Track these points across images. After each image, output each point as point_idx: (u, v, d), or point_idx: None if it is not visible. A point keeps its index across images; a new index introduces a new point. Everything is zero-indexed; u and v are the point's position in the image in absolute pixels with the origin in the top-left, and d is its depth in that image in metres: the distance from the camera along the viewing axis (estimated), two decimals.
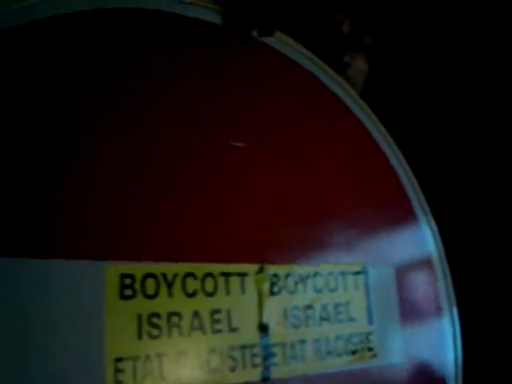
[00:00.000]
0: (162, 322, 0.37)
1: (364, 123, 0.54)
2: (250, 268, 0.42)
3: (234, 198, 0.43)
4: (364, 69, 0.70)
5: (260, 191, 0.45)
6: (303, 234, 0.46)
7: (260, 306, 0.42)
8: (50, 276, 0.33)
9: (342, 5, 0.67)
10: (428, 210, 0.55)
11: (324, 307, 0.45)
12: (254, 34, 0.48)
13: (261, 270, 0.43)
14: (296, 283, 0.44)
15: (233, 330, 0.40)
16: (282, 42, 0.51)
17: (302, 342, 0.43)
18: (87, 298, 0.34)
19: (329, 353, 0.44)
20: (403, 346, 0.49)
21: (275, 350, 0.42)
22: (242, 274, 0.42)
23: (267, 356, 0.41)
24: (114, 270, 0.36)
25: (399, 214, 0.53)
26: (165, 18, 0.44)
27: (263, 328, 0.41)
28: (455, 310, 0.53)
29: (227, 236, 0.42)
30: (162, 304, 0.37)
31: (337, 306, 0.46)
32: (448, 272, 0.54)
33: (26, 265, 0.33)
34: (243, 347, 0.40)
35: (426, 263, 0.53)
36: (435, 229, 0.54)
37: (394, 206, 0.53)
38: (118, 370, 0.34)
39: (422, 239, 0.54)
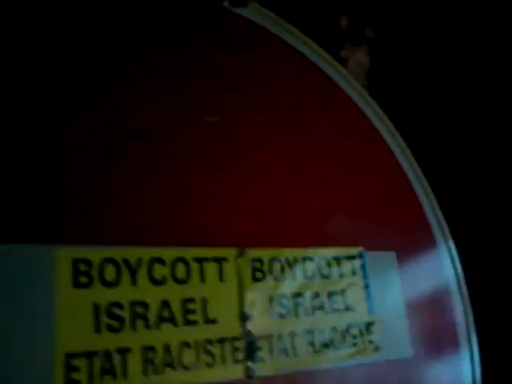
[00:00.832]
0: (125, 313, 0.32)
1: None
2: (229, 252, 0.37)
3: (209, 173, 0.38)
4: (364, 63, 0.66)
5: (239, 165, 0.40)
6: (290, 213, 0.41)
7: (241, 294, 0.37)
8: None
9: None
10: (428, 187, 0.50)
11: (316, 295, 0.40)
12: (226, 3, 0.45)
13: (241, 254, 0.38)
14: (283, 269, 0.39)
15: (209, 321, 0.35)
16: (261, 15, 0.47)
17: (292, 334, 0.38)
18: (34, 288, 0.30)
19: (325, 346, 0.39)
20: (411, 339, 0.43)
21: (261, 343, 0.36)
22: (220, 259, 0.37)
23: (251, 350, 0.36)
24: (65, 254, 0.31)
25: (399, 191, 0.49)
26: None
27: (245, 318, 0.36)
28: (465, 291, 0.47)
29: (201, 216, 0.37)
30: (124, 292, 0.33)
31: (331, 294, 0.41)
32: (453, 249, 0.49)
33: None
34: (222, 340, 0.35)
35: (430, 244, 0.48)
36: (440, 214, 0.49)
37: (393, 184, 0.48)
38: (70, 368, 0.30)
39: (424, 219, 0.49)
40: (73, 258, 0.32)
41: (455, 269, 0.48)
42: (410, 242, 0.47)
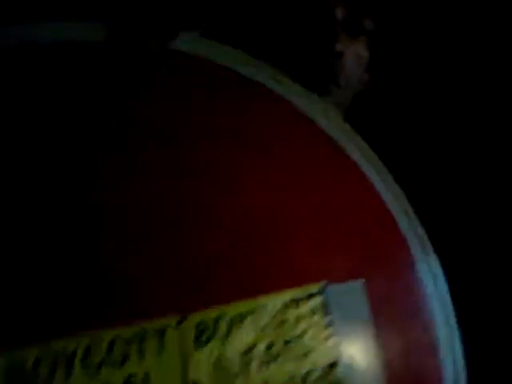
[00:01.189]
0: None
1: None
2: (169, 321, 0.37)
3: (138, 243, 0.38)
4: (363, 56, 0.60)
5: (170, 216, 0.39)
6: (239, 262, 0.40)
7: (184, 361, 0.37)
8: None
9: None
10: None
11: (269, 347, 0.39)
12: (153, 45, 0.41)
13: (182, 321, 0.38)
14: (230, 326, 0.39)
15: None
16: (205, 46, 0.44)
17: None
18: None
19: None
20: (383, 369, 0.42)
21: None
22: (160, 331, 0.37)
23: None
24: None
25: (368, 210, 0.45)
26: None
27: None
28: (454, 321, 0.43)
29: (134, 286, 0.37)
30: None
31: (287, 342, 0.40)
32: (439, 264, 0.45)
33: None
34: None
35: (407, 263, 0.44)
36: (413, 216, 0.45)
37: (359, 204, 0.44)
38: None
39: (399, 235, 0.45)
40: (6, 366, 0.33)
41: (437, 287, 0.44)
42: (382, 264, 0.44)
